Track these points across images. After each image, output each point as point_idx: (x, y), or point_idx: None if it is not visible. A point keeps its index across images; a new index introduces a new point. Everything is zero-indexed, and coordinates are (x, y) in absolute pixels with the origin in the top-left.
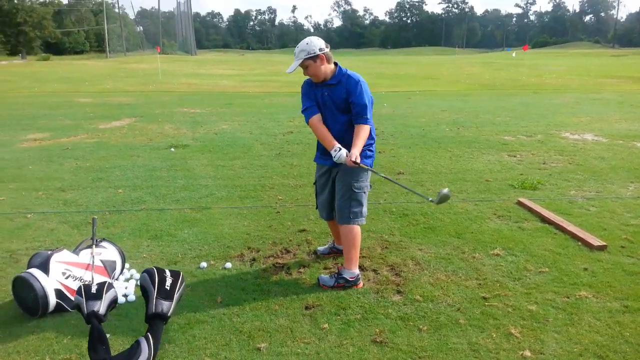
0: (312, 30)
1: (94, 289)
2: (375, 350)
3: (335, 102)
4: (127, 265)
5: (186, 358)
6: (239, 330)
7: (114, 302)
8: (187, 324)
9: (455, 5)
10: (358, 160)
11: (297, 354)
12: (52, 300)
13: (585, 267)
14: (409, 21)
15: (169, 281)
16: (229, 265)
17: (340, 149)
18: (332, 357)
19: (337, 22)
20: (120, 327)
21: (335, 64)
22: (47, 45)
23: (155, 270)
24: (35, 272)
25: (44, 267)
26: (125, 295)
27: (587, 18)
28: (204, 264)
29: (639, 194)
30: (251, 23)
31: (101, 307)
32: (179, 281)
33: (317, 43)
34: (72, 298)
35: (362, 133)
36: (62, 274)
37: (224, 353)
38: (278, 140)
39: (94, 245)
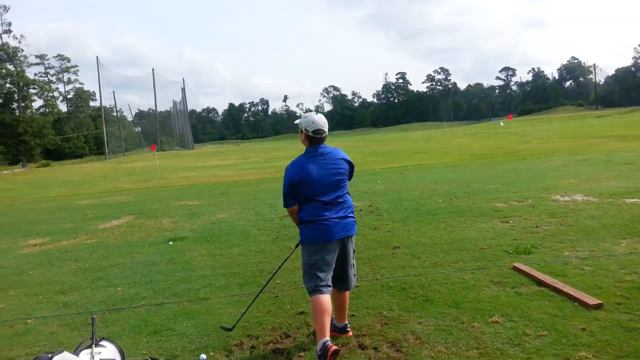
0: None
1: None
2: None
3: None
4: None
5: None
6: None
7: None
8: None
9: (438, 83)
10: None
11: None
12: None
13: (583, 327)
14: (396, 100)
15: None
16: (203, 356)
17: None
18: None
19: (328, 107)
20: None
21: (307, 149)
22: (47, 151)
23: None
24: None
25: None
26: None
27: (568, 84)
28: (203, 356)
29: (631, 249)
30: (245, 114)
31: None
32: None
33: (307, 123)
34: None
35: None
36: None
37: None
38: (275, 224)
39: (93, 345)
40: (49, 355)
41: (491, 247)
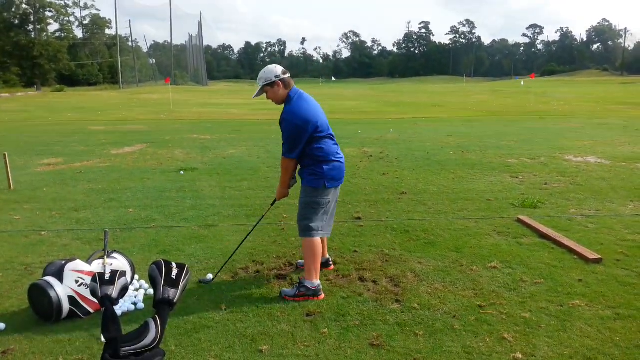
0: (321, 60)
1: (107, 276)
2: (373, 353)
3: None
4: (136, 276)
5: (192, 359)
6: (242, 335)
7: (125, 289)
8: (193, 329)
9: (462, 36)
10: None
11: (298, 355)
12: (66, 306)
13: (580, 279)
14: (416, 51)
15: (175, 271)
16: (210, 276)
17: None
18: (331, 359)
19: (346, 53)
20: None
21: (291, 92)
22: (61, 77)
23: (163, 262)
24: (50, 279)
25: (58, 275)
26: (135, 304)
27: (595, 47)
28: (210, 276)
29: (637, 211)
30: (261, 55)
31: (114, 291)
32: (184, 272)
33: (273, 71)
34: (84, 305)
35: (282, 173)
36: (75, 282)
37: (227, 354)
38: None
39: (105, 256)
40: (63, 262)
41: (498, 199)
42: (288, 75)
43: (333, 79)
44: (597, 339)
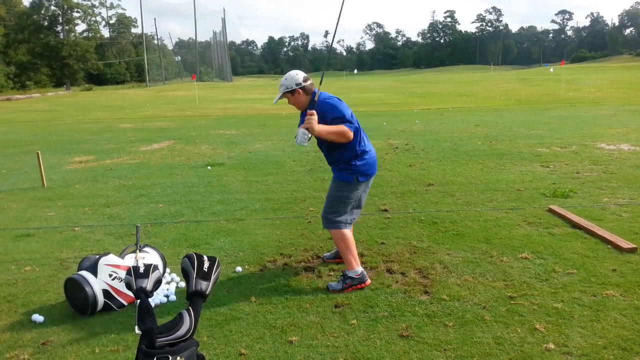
0: (344, 53)
1: (141, 269)
2: (402, 344)
3: None
4: (167, 269)
5: (224, 349)
6: (272, 326)
7: (158, 282)
8: (224, 320)
9: (489, 24)
10: (311, 121)
11: (327, 346)
12: (100, 299)
13: (614, 269)
14: (442, 41)
15: (206, 264)
16: (239, 269)
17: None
18: (360, 350)
19: (370, 45)
20: None
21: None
22: (89, 76)
23: (195, 255)
24: (85, 274)
25: (93, 270)
26: (167, 296)
27: (628, 31)
28: (239, 268)
29: None
30: (285, 49)
31: (148, 284)
32: (215, 265)
33: (295, 78)
34: (119, 298)
35: (337, 127)
36: (109, 276)
37: (258, 345)
38: (310, 157)
39: (137, 250)
40: (97, 257)
41: (528, 189)
42: (310, 82)
43: (355, 71)
44: (632, 329)
